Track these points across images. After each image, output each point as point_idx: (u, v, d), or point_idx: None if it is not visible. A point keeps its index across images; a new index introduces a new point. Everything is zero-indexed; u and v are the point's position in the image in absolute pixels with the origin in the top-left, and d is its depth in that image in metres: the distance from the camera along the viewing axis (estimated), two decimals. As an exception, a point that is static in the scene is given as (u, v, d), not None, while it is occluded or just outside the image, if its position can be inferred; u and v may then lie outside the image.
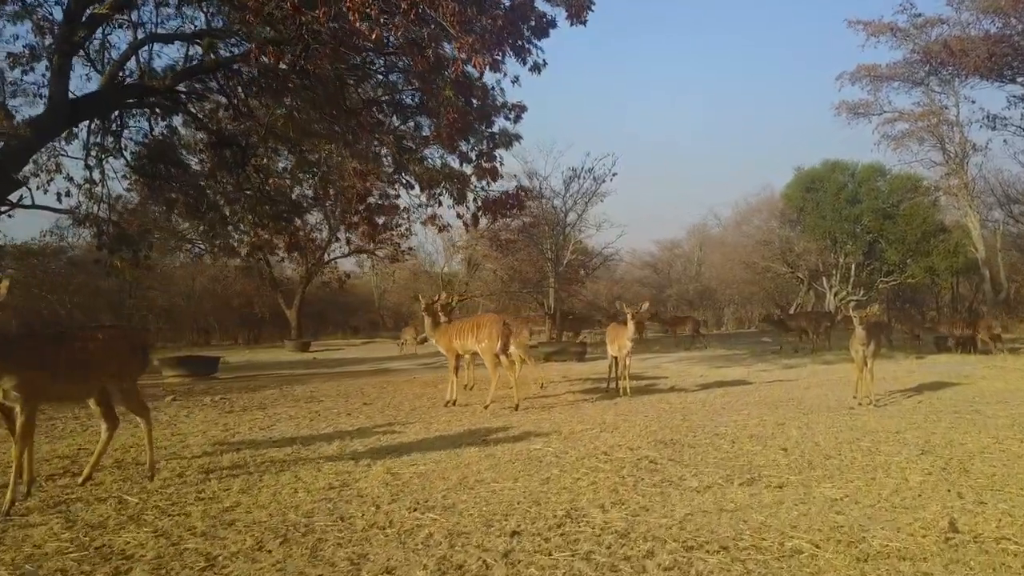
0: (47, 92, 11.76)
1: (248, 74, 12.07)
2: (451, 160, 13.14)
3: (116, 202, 15.12)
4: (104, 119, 13.18)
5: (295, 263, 33.86)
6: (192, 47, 12.54)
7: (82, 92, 12.27)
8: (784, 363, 15.58)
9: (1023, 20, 22.94)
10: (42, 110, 11.72)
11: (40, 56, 12.53)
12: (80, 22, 11.19)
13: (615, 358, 10.47)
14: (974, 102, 27.52)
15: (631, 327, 9.75)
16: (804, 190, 32.15)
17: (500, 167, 12.81)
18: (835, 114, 28.19)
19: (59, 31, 11.60)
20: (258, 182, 13.89)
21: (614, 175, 26.29)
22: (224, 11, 11.95)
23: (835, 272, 31.77)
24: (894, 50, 27.21)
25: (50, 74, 11.62)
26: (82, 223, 14.36)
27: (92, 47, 12.66)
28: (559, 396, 10.30)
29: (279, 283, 35.61)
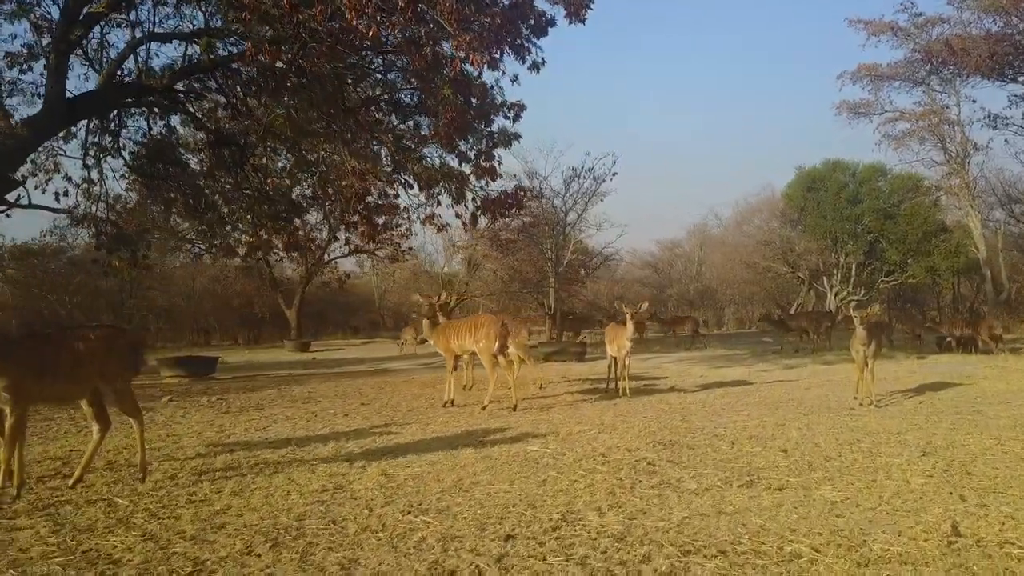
0: (44, 91, 11.72)
1: (247, 73, 12.01)
2: (450, 159, 13.08)
3: (116, 202, 15.08)
4: (102, 118, 13.12)
5: (295, 263, 33.82)
6: (191, 46, 12.49)
7: (81, 92, 12.23)
8: (785, 363, 15.52)
9: (1024, 19, 22.86)
10: (39, 109, 11.68)
11: (38, 55, 12.47)
12: (77, 20, 11.14)
13: (614, 358, 10.42)
14: (975, 101, 27.50)
15: (630, 327, 9.70)
16: (805, 190, 32.08)
17: (499, 166, 12.75)
18: (836, 114, 28.12)
19: (56, 29, 11.54)
20: (256, 182, 13.82)
21: (614, 175, 26.29)
22: (222, 10, 11.89)
23: (836, 272, 31.69)
24: (895, 49, 27.12)
25: (46, 73, 11.57)
26: (80, 223, 14.33)
27: (90, 46, 12.61)
28: (558, 397, 10.24)
29: (279, 283, 35.56)
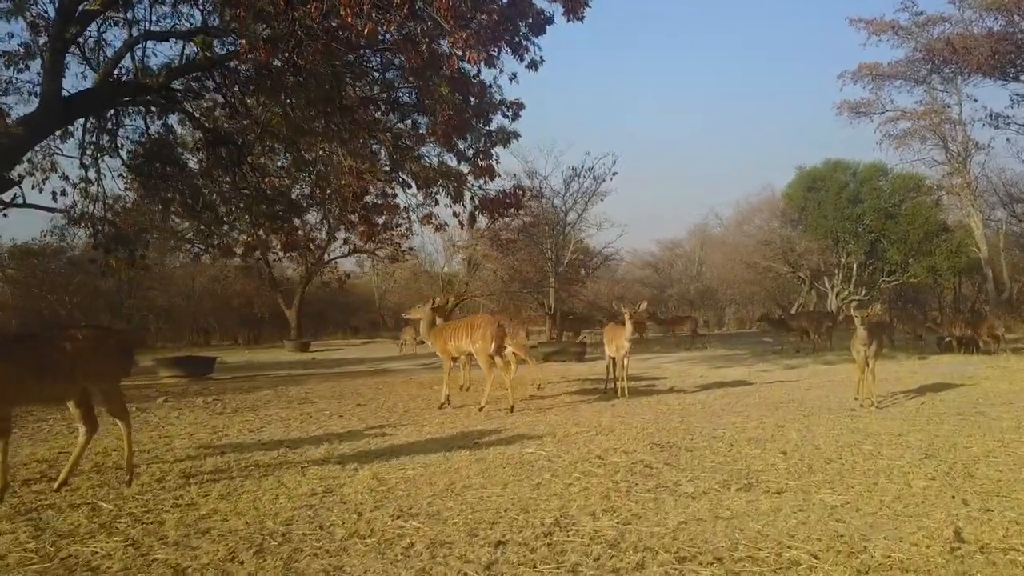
0: (40, 90, 11.64)
1: (245, 73, 11.93)
2: (448, 159, 13.00)
3: (115, 202, 14.99)
4: (99, 117, 13.05)
5: (295, 263, 33.75)
6: (188, 45, 12.42)
7: (77, 90, 12.15)
8: (785, 363, 15.42)
9: (1027, 17, 22.72)
10: (35, 108, 11.60)
11: (35, 54, 12.39)
12: (73, 18, 11.06)
13: (613, 359, 10.32)
14: (976, 100, 27.43)
15: (629, 327, 9.61)
16: (806, 189, 31.99)
17: (497, 165, 12.67)
18: (836, 113, 27.95)
19: (52, 27, 11.47)
20: (254, 181, 13.75)
21: (614, 174, 26.16)
22: (219, 8, 11.81)
23: (837, 272, 31.60)
24: (896, 48, 27.05)
25: (42, 71, 11.50)
26: (77, 222, 14.24)
27: (87, 45, 12.54)
28: (556, 397, 10.15)
29: (279, 283, 35.49)
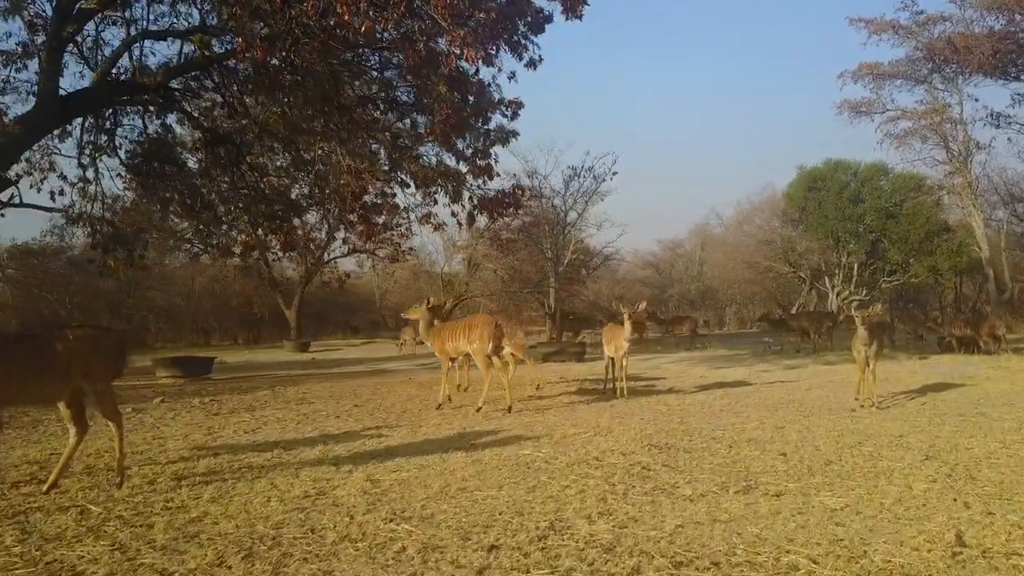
0: (37, 89, 11.59)
1: (244, 72, 11.88)
2: (447, 158, 12.94)
3: (114, 202, 14.93)
4: (97, 117, 13.00)
5: (294, 263, 33.69)
6: (187, 44, 12.36)
7: (76, 90, 12.10)
8: (785, 363, 15.35)
9: (1028, 16, 22.62)
10: (32, 107, 11.55)
11: (33, 54, 12.34)
12: (70, 17, 11.01)
13: (612, 359, 10.26)
14: (978, 100, 27.18)
15: (628, 327, 9.55)
16: (806, 189, 31.91)
17: (496, 164, 12.60)
18: (837, 113, 27.80)
19: (49, 26, 11.42)
20: (253, 181, 13.70)
21: (614, 174, 26.10)
22: (216, 7, 11.75)
23: (838, 272, 31.51)
24: (896, 48, 26.99)
25: (39, 70, 11.45)
26: (75, 222, 14.19)
27: (85, 45, 12.50)
28: (555, 398, 10.09)
29: (278, 283, 35.41)
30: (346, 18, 8.67)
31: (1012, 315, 26.98)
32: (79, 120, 12.74)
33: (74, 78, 14.15)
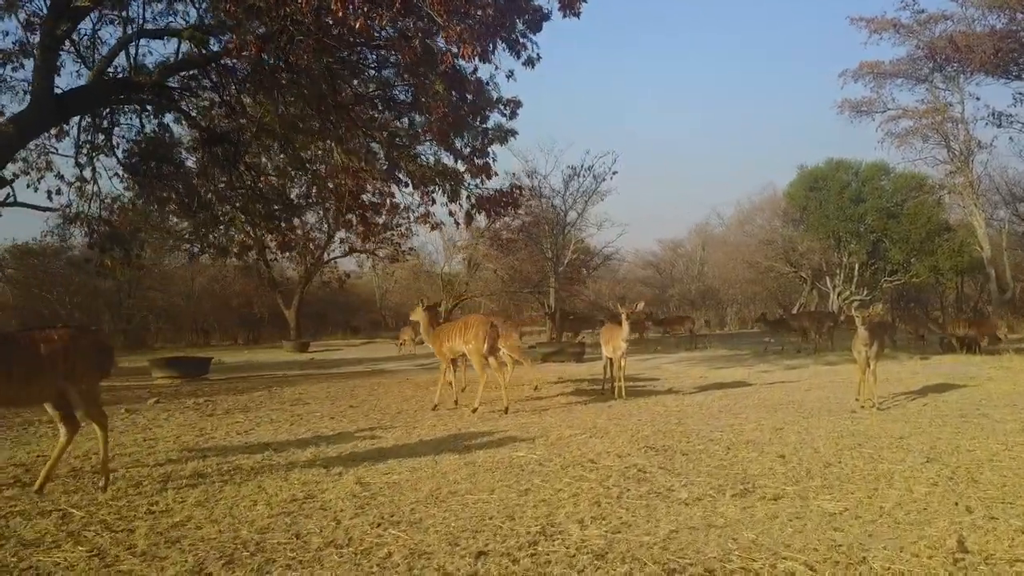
0: (31, 87, 11.51)
1: (242, 70, 11.80)
2: (445, 157, 12.85)
3: (114, 202, 14.85)
4: (94, 116, 12.92)
5: (294, 263, 33.59)
6: (184, 43, 12.28)
7: (71, 88, 12.02)
8: (786, 364, 15.24)
9: (1030, 15, 22.49)
10: (26, 106, 11.47)
11: (30, 52, 12.27)
12: (64, 14, 10.93)
13: (610, 359, 10.16)
14: (979, 99, 27.08)
15: (626, 327, 9.46)
16: (807, 189, 31.81)
17: (493, 163, 12.50)
18: (838, 112, 27.70)
19: (43, 23, 11.34)
20: (250, 180, 13.62)
21: (614, 173, 26.03)
22: (212, 5, 11.67)
23: (839, 272, 31.40)
24: (897, 47, 26.86)
25: (34, 68, 11.37)
26: (72, 221, 14.11)
27: (82, 43, 12.43)
28: (552, 398, 9.99)
29: (278, 283, 35.31)
30: (340, 15, 8.58)
31: (1014, 315, 26.82)
32: (76, 119, 12.67)
33: (71, 77, 14.02)
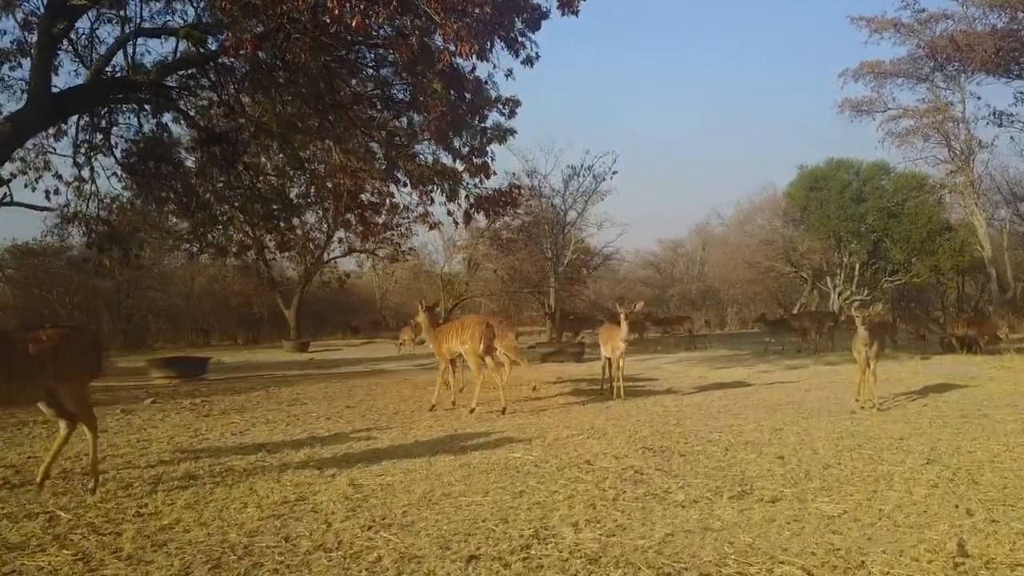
0: (28, 86, 11.46)
1: (240, 69, 11.75)
2: (443, 156, 12.79)
3: (112, 202, 14.80)
4: (92, 115, 12.87)
5: (294, 263, 33.54)
6: (182, 42, 12.23)
7: (69, 87, 11.97)
8: (786, 364, 15.17)
9: (1031, 14, 22.41)
10: (23, 104, 11.42)
11: (28, 52, 12.22)
12: (61, 13, 10.88)
13: (608, 359, 10.10)
14: (980, 98, 27.06)
15: (624, 327, 9.40)
16: (808, 189, 31.75)
17: (492, 163, 12.45)
18: (838, 112, 27.65)
19: (40, 22, 11.30)
20: (248, 180, 13.57)
21: (614, 173, 26.00)
22: (210, 3, 11.62)
23: (839, 271, 31.33)
24: (898, 46, 26.80)
25: (30, 67, 11.33)
26: (70, 221, 14.07)
27: (80, 43, 12.37)
28: (550, 399, 9.93)
29: (278, 283, 35.27)
30: (336, 12, 8.54)
31: (1015, 315, 26.73)
32: (74, 119, 12.62)
33: (69, 76, 13.89)
